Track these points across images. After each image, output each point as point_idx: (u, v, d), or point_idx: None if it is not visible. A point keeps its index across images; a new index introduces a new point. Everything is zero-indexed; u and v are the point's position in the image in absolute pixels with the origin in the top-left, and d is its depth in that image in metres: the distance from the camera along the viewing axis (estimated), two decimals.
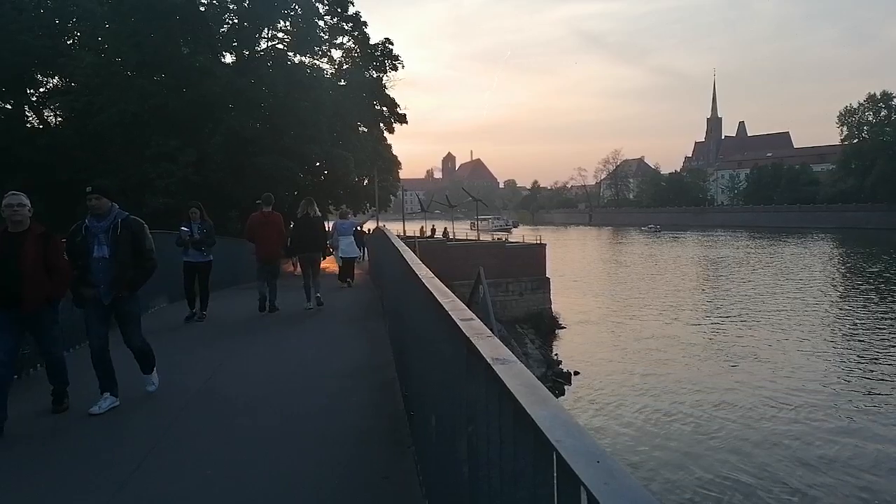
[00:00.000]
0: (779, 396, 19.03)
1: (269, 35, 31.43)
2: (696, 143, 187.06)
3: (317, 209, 11.49)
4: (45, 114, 33.10)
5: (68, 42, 31.37)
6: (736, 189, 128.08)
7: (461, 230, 52.32)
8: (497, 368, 1.61)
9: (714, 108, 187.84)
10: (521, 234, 52.64)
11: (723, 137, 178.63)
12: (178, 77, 28.04)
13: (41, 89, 33.03)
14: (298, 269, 11.39)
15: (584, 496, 0.99)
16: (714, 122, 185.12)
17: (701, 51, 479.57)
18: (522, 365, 1.67)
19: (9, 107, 32.09)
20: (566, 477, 1.07)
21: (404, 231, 39.04)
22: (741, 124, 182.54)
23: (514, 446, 1.47)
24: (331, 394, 5.87)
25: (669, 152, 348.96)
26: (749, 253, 64.15)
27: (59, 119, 32.17)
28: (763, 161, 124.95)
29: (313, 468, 4.12)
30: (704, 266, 54.92)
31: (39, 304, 5.02)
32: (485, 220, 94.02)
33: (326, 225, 14.45)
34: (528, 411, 1.30)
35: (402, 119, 34.51)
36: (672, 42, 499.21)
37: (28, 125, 32.36)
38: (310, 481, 3.93)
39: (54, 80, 32.48)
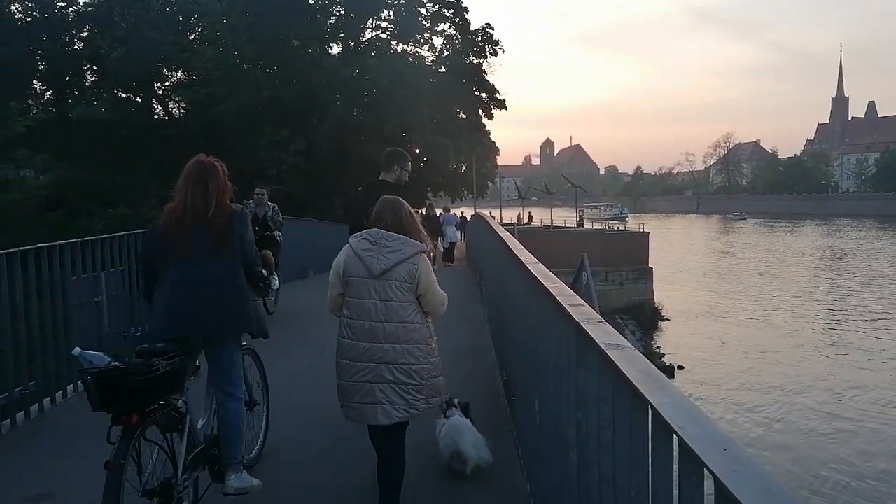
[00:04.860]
0: None
1: (374, 25, 32.22)
2: (818, 124, 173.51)
3: (435, 208, 18.50)
4: (170, 105, 35.70)
5: (190, 37, 33.62)
6: (863, 175, 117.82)
7: (559, 217, 51.44)
8: (611, 354, 1.60)
9: (840, 87, 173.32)
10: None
11: (849, 119, 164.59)
12: (289, 69, 29.38)
13: (167, 83, 35.65)
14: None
15: (711, 483, 0.98)
16: (839, 103, 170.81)
17: (825, 24, 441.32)
18: (637, 351, 1.65)
19: (139, 100, 34.93)
20: (691, 464, 1.05)
21: (501, 218, 38.98)
22: (871, 104, 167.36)
23: (629, 432, 1.46)
24: None
25: (788, 135, 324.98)
26: (875, 245, 58.86)
27: (183, 110, 34.60)
28: (895, 144, 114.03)
29: (416, 446, 4.24)
30: (824, 258, 51.05)
31: None
32: (595, 206, 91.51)
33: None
34: (648, 397, 1.29)
35: (501, 105, 34.38)
36: (793, 16, 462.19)
37: (155, 116, 35.09)
38: (414, 459, 4.05)
39: (178, 74, 34.94)
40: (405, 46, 32.25)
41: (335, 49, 32.75)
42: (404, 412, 3.04)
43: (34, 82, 34.59)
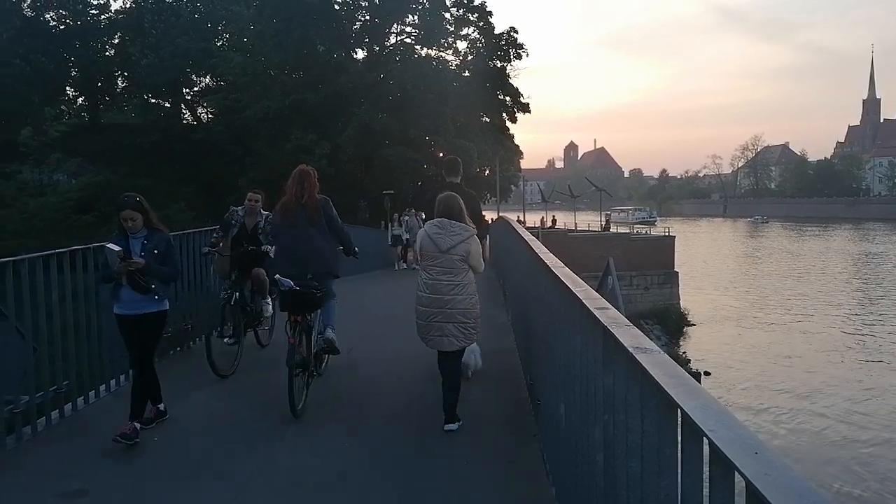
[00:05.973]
0: None
1: (398, 30, 32.40)
2: (849, 127, 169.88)
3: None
4: (199, 111, 36.29)
5: (218, 44, 34.15)
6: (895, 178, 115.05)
7: (584, 221, 51.08)
8: (640, 358, 1.60)
9: (871, 89, 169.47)
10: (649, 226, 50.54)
11: (881, 120, 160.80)
12: (315, 74, 29.68)
13: (195, 88, 36.25)
14: None
15: (742, 486, 0.98)
16: (871, 104, 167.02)
17: (856, 24, 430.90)
18: (666, 354, 1.64)
19: (168, 105, 35.55)
20: (722, 467, 1.05)
21: (524, 221, 38.84)
22: None
23: (658, 435, 1.46)
24: None
25: (818, 138, 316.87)
26: None
27: (211, 116, 35.15)
28: None
29: (441, 450, 4.26)
30: (853, 263, 49.96)
31: None
32: (623, 210, 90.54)
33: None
34: (677, 400, 1.29)
35: (525, 108, 34.30)
36: (824, 15, 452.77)
37: (184, 122, 35.69)
38: (439, 461, 4.07)
39: (206, 80, 35.51)
40: (429, 51, 32.37)
41: (360, 54, 33.03)
42: (463, 342, 4.58)
43: (67, 88, 35.44)
